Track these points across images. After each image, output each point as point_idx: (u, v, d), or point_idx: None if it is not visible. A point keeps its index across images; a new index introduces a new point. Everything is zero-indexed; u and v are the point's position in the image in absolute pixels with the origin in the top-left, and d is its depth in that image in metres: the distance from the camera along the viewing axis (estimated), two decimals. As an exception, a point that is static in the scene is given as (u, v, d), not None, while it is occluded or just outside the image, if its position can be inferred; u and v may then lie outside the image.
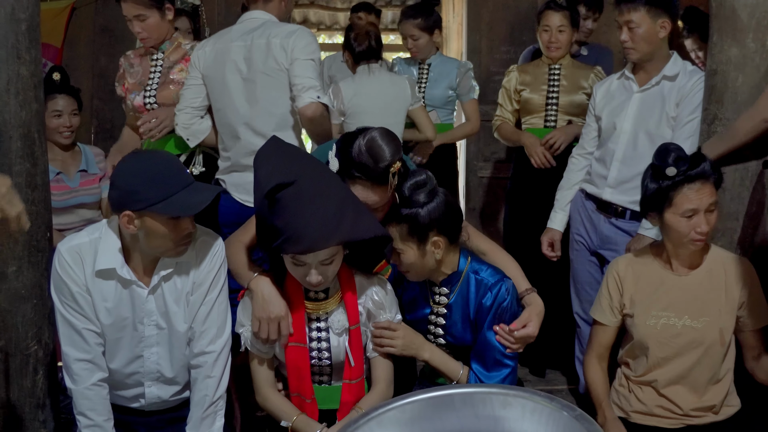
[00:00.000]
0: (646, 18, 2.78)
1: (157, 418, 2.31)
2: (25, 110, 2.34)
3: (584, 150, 3.14)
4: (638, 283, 2.42)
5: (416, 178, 2.21)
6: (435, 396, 2.05)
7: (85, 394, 2.17)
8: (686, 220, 2.27)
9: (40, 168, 2.41)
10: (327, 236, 2.00)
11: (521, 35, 4.94)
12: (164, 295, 2.18)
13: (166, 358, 2.25)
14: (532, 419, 1.91)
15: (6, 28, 2.28)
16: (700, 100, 2.72)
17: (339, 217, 2.01)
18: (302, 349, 2.21)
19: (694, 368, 2.34)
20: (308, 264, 2.05)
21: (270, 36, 2.84)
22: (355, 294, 2.23)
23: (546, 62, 3.65)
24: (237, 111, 2.90)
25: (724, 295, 2.33)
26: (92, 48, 4.91)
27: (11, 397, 2.44)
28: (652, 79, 2.87)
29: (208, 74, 2.95)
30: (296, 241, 2.00)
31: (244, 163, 2.86)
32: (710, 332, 2.32)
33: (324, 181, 2.07)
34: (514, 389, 2.05)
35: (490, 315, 2.26)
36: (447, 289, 2.33)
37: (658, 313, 2.37)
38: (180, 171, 2.09)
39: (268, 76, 2.85)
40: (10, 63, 2.30)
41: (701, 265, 2.37)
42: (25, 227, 1.83)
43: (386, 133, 2.16)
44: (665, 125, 2.83)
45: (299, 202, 1.99)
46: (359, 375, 2.24)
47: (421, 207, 2.18)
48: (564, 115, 3.59)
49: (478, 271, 2.30)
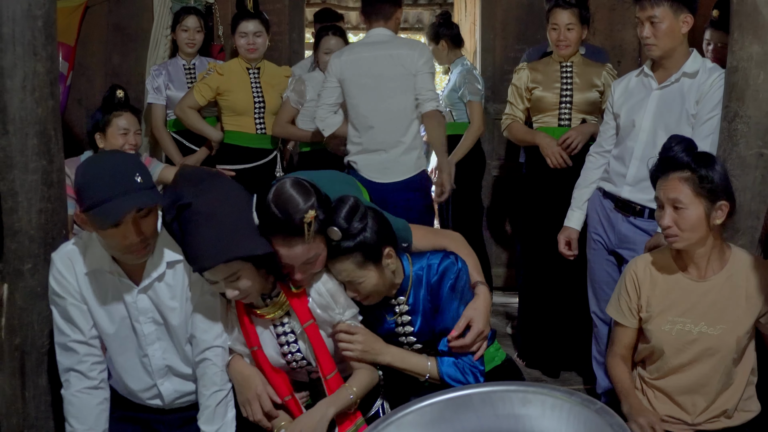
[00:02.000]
0: (668, 13, 2.75)
1: (178, 416, 2.31)
2: (41, 107, 2.33)
3: (602, 148, 3.12)
4: (655, 287, 2.38)
5: (345, 207, 2.14)
6: (454, 397, 2.04)
7: (71, 400, 2.20)
8: (660, 212, 2.28)
9: (57, 165, 2.40)
10: (215, 255, 2.00)
11: (535, 33, 4.92)
12: (158, 293, 2.18)
13: (172, 352, 2.25)
14: (553, 415, 1.90)
15: (22, 25, 2.28)
16: (720, 98, 2.69)
17: (229, 235, 2.02)
18: (258, 351, 2.24)
19: (710, 376, 2.30)
20: (218, 282, 2.07)
21: (397, 48, 3.60)
22: (302, 293, 2.22)
23: (557, 60, 3.62)
24: (370, 107, 3.58)
25: (744, 302, 2.29)
26: (105, 46, 4.91)
27: (27, 395, 2.43)
28: (671, 76, 2.84)
29: (345, 78, 3.63)
30: (193, 261, 2.04)
31: (373, 147, 3.61)
32: (727, 340, 2.28)
33: (215, 200, 2.08)
34: (533, 386, 2.04)
35: (445, 290, 2.24)
36: (403, 297, 2.31)
37: (674, 318, 2.33)
38: (125, 175, 2.00)
39: (395, 80, 3.56)
40: (27, 60, 2.29)
41: (722, 270, 2.32)
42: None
43: (297, 183, 2.11)
44: (685, 123, 2.80)
45: (193, 225, 2.04)
46: (331, 369, 2.25)
47: (365, 230, 2.14)
48: (578, 114, 3.57)
49: (421, 265, 2.29)
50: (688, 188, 2.22)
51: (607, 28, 5.01)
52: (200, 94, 4.00)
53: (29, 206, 2.35)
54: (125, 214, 1.97)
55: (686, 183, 2.23)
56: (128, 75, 4.86)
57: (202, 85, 4.00)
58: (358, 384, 2.25)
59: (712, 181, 2.21)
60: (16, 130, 2.31)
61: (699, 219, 2.23)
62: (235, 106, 4.01)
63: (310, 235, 2.06)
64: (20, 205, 2.33)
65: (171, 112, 4.27)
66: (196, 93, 4.00)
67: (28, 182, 2.34)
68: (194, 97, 4.01)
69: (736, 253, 2.35)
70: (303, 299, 2.22)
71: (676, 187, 2.24)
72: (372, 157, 3.62)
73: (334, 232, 2.10)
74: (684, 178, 2.23)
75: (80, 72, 4.85)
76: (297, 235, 2.07)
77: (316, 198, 2.09)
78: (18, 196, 2.33)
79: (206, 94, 4.00)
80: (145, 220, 2.05)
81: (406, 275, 2.29)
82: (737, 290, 2.29)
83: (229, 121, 4.06)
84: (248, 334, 2.24)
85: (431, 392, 2.09)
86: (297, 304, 2.21)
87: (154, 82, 4.26)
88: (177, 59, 4.34)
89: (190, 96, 4.03)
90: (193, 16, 4.25)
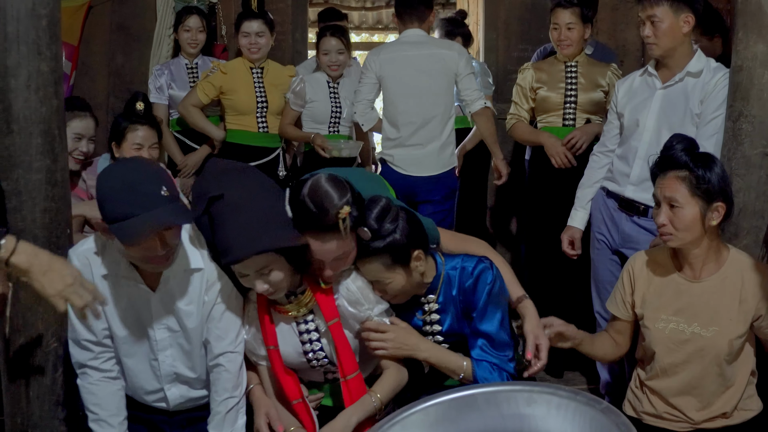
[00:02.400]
0: (668, 12, 2.76)
1: (182, 417, 2.31)
2: (45, 106, 2.33)
3: (605, 147, 3.11)
4: (651, 284, 2.38)
5: (377, 207, 2.15)
6: (459, 397, 2.04)
7: (90, 389, 2.21)
8: (656, 210, 2.29)
9: (60, 165, 2.40)
10: (248, 246, 1.99)
11: (538, 33, 4.91)
12: (174, 298, 2.17)
13: (182, 360, 2.24)
14: (558, 415, 1.90)
15: (27, 24, 2.28)
16: (724, 97, 2.68)
17: (261, 227, 2.01)
18: (275, 351, 2.22)
19: (703, 378, 2.29)
20: (249, 275, 2.05)
21: (437, 48, 3.82)
22: (329, 291, 2.20)
23: (561, 59, 3.62)
24: (410, 103, 3.73)
25: (737, 306, 2.27)
26: (108, 46, 4.91)
27: (31, 394, 2.44)
28: (675, 75, 2.84)
29: (383, 75, 3.77)
30: (225, 253, 2.02)
31: (411, 143, 3.77)
32: (719, 342, 2.26)
33: (246, 192, 2.08)
34: (538, 386, 2.04)
35: (482, 296, 2.23)
36: (433, 295, 2.30)
37: (668, 317, 2.33)
38: (151, 189, 1.96)
39: (435, 78, 3.72)
40: (31, 59, 2.29)
41: (717, 271, 2.31)
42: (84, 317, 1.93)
43: (332, 178, 2.10)
44: (689, 122, 2.80)
45: (225, 216, 2.04)
46: (353, 370, 2.22)
47: (395, 232, 2.13)
48: (582, 114, 3.57)
49: (454, 265, 2.28)
50: (685, 188, 2.23)
51: (610, 27, 5.01)
52: (203, 92, 4.00)
53: (33, 205, 2.35)
54: (150, 232, 1.94)
55: (683, 182, 2.23)
56: (131, 75, 4.86)
57: (206, 83, 4.00)
58: (383, 389, 2.22)
59: (709, 181, 2.21)
60: (20, 129, 2.31)
61: (694, 219, 2.23)
62: (238, 106, 4.01)
63: (345, 231, 2.05)
64: (24, 204, 2.33)
65: (174, 111, 4.27)
66: (199, 91, 4.00)
67: (32, 181, 2.34)
68: (197, 95, 4.01)
69: (733, 255, 2.33)
70: (330, 297, 2.20)
71: (673, 185, 2.24)
72: (409, 152, 3.78)
73: (364, 233, 2.10)
74: (681, 178, 2.24)
75: (83, 71, 4.85)
76: (331, 231, 2.05)
77: (351, 194, 2.08)
78: (22, 195, 2.33)
79: (209, 93, 3.99)
80: (170, 231, 2.02)
81: (437, 273, 2.28)
82: (731, 293, 2.28)
83: (231, 120, 4.06)
84: (267, 332, 2.22)
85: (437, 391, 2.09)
86: (323, 301, 2.19)
87: (157, 81, 4.26)
88: (180, 59, 4.34)
89: (194, 94, 4.03)
90: (195, 16, 4.25)
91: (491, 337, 2.25)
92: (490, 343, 2.25)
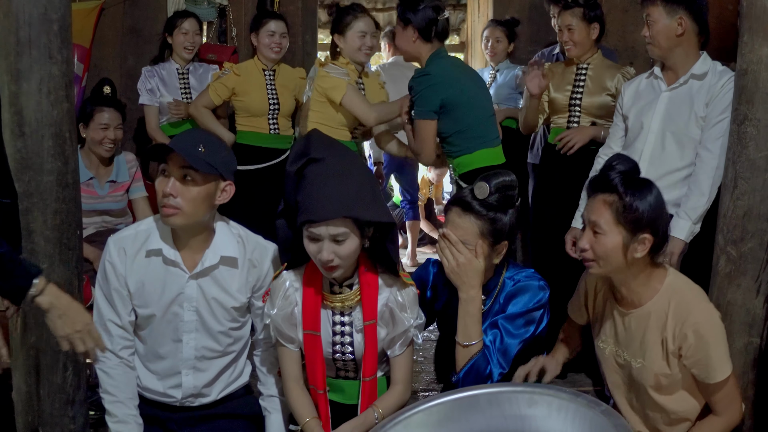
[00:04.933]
0: (662, 13, 2.78)
1: (189, 414, 2.35)
2: (56, 109, 2.37)
3: (610, 149, 3.11)
4: (595, 304, 2.35)
5: (501, 179, 2.22)
6: (461, 397, 2.06)
7: (109, 372, 2.27)
8: (581, 232, 2.21)
9: (71, 167, 2.44)
10: (340, 208, 2.06)
11: (547, 35, 4.91)
12: (208, 285, 2.25)
13: (205, 347, 2.30)
14: (559, 417, 1.92)
15: (38, 29, 2.31)
16: (729, 101, 2.68)
17: (356, 195, 2.08)
18: (316, 337, 2.24)
19: (643, 403, 2.24)
20: (321, 239, 2.09)
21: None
22: (376, 293, 2.23)
23: (576, 61, 3.61)
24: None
25: (660, 342, 2.16)
26: (120, 48, 4.94)
27: (41, 393, 2.47)
28: (680, 78, 2.84)
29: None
30: (312, 211, 2.06)
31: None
32: (645, 375, 2.18)
33: (349, 163, 2.17)
34: (539, 387, 2.06)
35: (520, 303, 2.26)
36: (483, 296, 2.31)
37: (607, 338, 2.30)
38: (192, 141, 2.17)
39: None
40: (43, 63, 2.33)
41: (645, 304, 2.19)
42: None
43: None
44: (694, 125, 2.80)
45: (322, 177, 2.10)
46: (372, 373, 2.26)
47: (504, 211, 2.21)
48: (587, 116, 3.54)
49: (512, 275, 2.30)
50: (610, 214, 2.10)
51: (620, 29, 5.00)
52: (216, 93, 3.96)
53: (44, 207, 2.39)
54: (170, 154, 2.12)
55: (609, 208, 2.10)
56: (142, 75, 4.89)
57: (218, 84, 3.96)
58: (386, 406, 2.24)
59: (636, 210, 2.07)
60: (32, 132, 2.35)
61: (615, 248, 2.10)
62: (251, 108, 3.99)
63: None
64: (35, 206, 2.37)
65: (163, 117, 4.23)
66: (211, 92, 3.97)
67: (43, 183, 2.38)
68: (209, 96, 3.97)
69: (667, 288, 2.18)
70: (375, 297, 2.23)
71: (598, 209, 2.12)
72: None
73: (482, 187, 2.19)
74: (608, 202, 2.11)
75: (95, 73, 4.86)
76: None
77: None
78: (33, 197, 2.37)
79: (222, 94, 3.96)
80: (187, 185, 2.14)
81: (495, 277, 2.31)
82: (654, 330, 2.16)
83: (242, 122, 4.04)
84: (310, 318, 2.24)
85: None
86: (368, 300, 2.22)
87: (147, 83, 4.20)
88: (170, 63, 4.28)
89: (205, 95, 3.99)
90: (191, 19, 4.21)
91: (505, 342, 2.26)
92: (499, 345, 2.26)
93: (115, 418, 2.25)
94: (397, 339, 2.27)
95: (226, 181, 2.22)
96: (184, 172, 2.13)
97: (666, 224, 2.19)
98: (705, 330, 2.09)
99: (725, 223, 2.61)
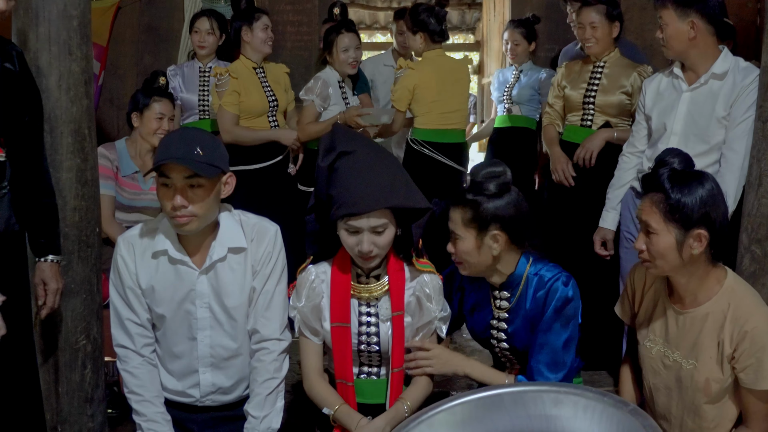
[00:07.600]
0: (673, 17, 2.73)
1: (210, 415, 2.32)
2: (75, 106, 2.37)
3: (635, 148, 3.08)
4: (645, 300, 2.29)
5: (492, 168, 2.20)
6: (485, 396, 2.03)
7: (133, 372, 2.23)
8: (638, 233, 2.15)
9: (90, 164, 2.44)
10: (380, 199, 2.07)
11: (565, 33, 4.87)
12: (218, 276, 2.21)
13: (220, 344, 2.27)
14: (585, 416, 1.88)
15: (58, 25, 2.31)
16: (755, 99, 2.64)
17: (392, 185, 2.10)
18: (345, 328, 2.23)
19: (677, 407, 2.18)
20: (361, 231, 2.09)
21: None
22: (403, 283, 2.23)
23: (592, 59, 3.58)
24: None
25: (716, 344, 2.08)
26: (137, 47, 4.95)
27: (60, 390, 2.47)
28: (700, 77, 2.80)
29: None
30: (352, 204, 2.07)
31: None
32: (697, 378, 2.11)
33: (379, 154, 2.19)
34: (565, 386, 2.02)
35: (549, 309, 2.19)
36: (507, 293, 2.28)
37: (655, 337, 2.23)
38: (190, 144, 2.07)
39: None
40: (62, 59, 2.33)
41: (703, 304, 2.11)
42: None
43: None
44: (715, 126, 2.75)
45: (356, 170, 2.10)
46: (399, 364, 2.25)
47: (488, 198, 2.17)
48: (601, 115, 3.50)
49: (537, 270, 2.24)
50: (659, 213, 2.04)
51: (638, 27, 4.95)
52: (231, 105, 3.79)
53: (64, 204, 2.38)
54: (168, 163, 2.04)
55: (657, 207, 2.04)
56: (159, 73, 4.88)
57: (228, 96, 3.78)
58: (414, 398, 2.25)
59: (684, 206, 2.00)
60: (51, 129, 2.34)
61: (668, 247, 2.04)
62: (253, 108, 3.84)
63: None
64: (55, 202, 2.37)
65: (184, 114, 4.21)
66: (228, 107, 3.78)
67: (62, 180, 2.38)
68: (230, 113, 3.79)
69: (727, 289, 2.10)
70: (402, 288, 2.23)
71: (648, 209, 2.07)
72: None
73: (465, 178, 2.18)
74: (656, 201, 2.05)
75: (112, 72, 4.90)
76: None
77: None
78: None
79: (235, 101, 3.80)
80: (195, 191, 2.08)
81: (517, 273, 2.27)
82: (711, 332, 2.08)
83: (244, 123, 3.86)
84: (339, 310, 2.23)
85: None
86: (396, 290, 2.22)
87: (171, 83, 4.13)
88: (195, 62, 4.29)
89: (226, 116, 3.79)
90: (204, 18, 4.17)
91: (551, 352, 2.20)
92: (547, 360, 2.21)
93: (144, 417, 2.22)
94: (421, 329, 2.28)
95: (227, 174, 2.20)
96: (189, 182, 2.08)
97: (724, 217, 2.10)
98: (762, 335, 2.03)
99: (749, 222, 2.58)
